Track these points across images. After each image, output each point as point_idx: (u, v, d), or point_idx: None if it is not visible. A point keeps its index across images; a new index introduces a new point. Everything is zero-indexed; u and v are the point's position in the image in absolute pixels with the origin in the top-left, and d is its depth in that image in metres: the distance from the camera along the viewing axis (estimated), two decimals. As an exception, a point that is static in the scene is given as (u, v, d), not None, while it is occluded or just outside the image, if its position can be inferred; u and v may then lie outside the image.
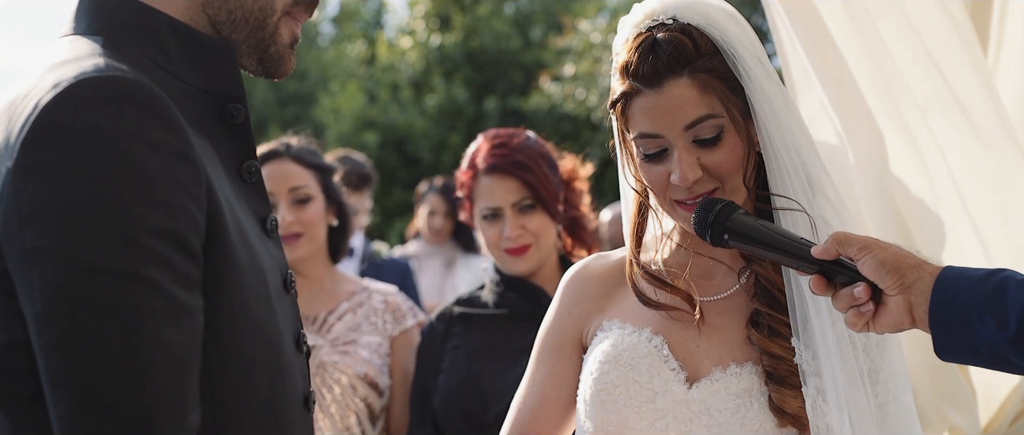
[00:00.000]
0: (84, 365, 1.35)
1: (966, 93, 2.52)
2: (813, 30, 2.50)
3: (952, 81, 2.51)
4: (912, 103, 2.49)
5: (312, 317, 3.24)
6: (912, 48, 2.50)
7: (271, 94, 20.98)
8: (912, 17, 2.50)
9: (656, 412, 1.97)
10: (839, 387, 1.92)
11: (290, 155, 3.28)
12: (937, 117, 2.52)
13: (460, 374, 3.04)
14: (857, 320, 1.73)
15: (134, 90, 1.42)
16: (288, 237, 3.21)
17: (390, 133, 18.06)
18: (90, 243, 1.36)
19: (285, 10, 1.65)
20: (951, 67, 2.51)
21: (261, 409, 1.54)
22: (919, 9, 2.52)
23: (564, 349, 2.13)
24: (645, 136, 1.96)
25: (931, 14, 2.52)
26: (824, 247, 1.75)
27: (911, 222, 2.53)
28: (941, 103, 2.52)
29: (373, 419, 3.20)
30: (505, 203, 3.03)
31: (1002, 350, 1.63)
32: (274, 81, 1.73)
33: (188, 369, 1.41)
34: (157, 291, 1.37)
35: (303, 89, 21.20)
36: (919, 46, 2.50)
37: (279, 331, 1.59)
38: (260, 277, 1.56)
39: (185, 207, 1.41)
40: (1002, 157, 2.54)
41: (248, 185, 1.64)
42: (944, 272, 1.68)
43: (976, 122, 2.53)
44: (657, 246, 2.13)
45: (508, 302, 3.10)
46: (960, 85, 2.52)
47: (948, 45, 2.52)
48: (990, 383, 2.73)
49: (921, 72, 2.50)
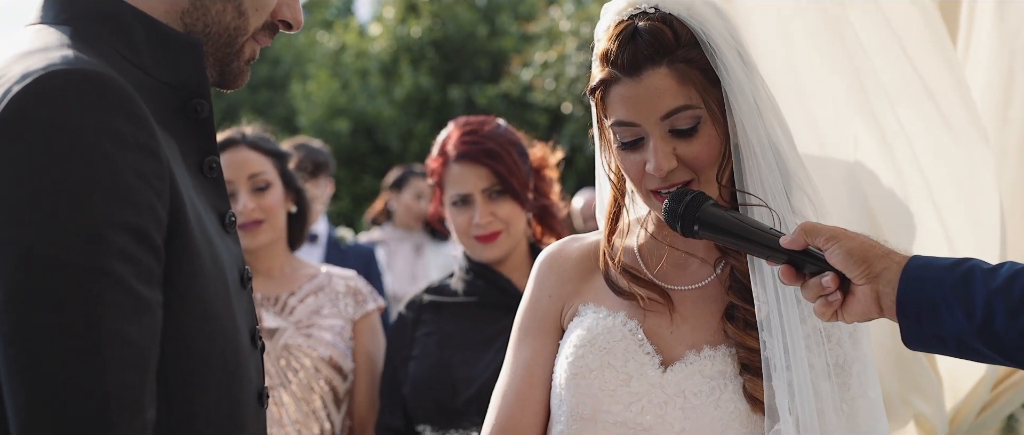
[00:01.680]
0: (42, 358, 1.34)
1: (936, 83, 2.53)
2: (782, 17, 2.50)
3: (922, 71, 2.51)
4: (882, 92, 2.50)
5: (272, 298, 3.23)
6: (883, 37, 2.50)
7: (244, 79, 20.89)
8: (883, 6, 2.51)
9: (631, 395, 1.98)
10: (808, 381, 1.92)
11: (246, 143, 3.27)
12: (906, 107, 2.53)
13: (430, 362, 3.04)
14: (825, 310, 1.74)
15: (101, 84, 1.42)
16: (249, 224, 3.20)
17: (360, 120, 18.02)
18: (53, 236, 1.35)
19: (254, 32, 1.69)
20: (921, 57, 2.52)
21: (217, 404, 1.55)
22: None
23: (547, 331, 2.13)
24: (622, 124, 1.97)
25: (902, 3, 2.52)
26: (792, 237, 1.76)
27: (878, 212, 2.53)
28: (910, 93, 2.53)
29: (338, 402, 3.19)
30: (475, 190, 3.03)
31: (969, 339, 1.63)
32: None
33: (147, 365, 1.41)
34: (119, 286, 1.38)
35: (276, 75, 21.10)
36: (890, 35, 2.51)
37: (236, 326, 1.59)
38: (219, 272, 1.56)
39: (149, 202, 1.42)
40: (970, 148, 2.55)
41: (208, 180, 1.64)
42: (911, 262, 1.68)
43: (945, 112, 2.54)
44: (634, 232, 2.13)
45: (477, 290, 3.10)
46: (930, 75, 2.52)
47: (919, 35, 2.52)
48: (956, 372, 2.74)
49: (891, 61, 2.51)
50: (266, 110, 19.77)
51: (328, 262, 5.08)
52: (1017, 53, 2.70)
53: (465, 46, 18.20)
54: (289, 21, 1.72)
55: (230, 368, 1.57)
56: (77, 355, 1.34)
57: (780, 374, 1.92)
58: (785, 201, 1.99)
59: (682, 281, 2.08)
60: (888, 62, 2.51)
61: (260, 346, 1.69)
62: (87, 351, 1.35)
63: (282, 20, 1.71)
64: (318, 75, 18.81)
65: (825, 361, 1.96)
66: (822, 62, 2.47)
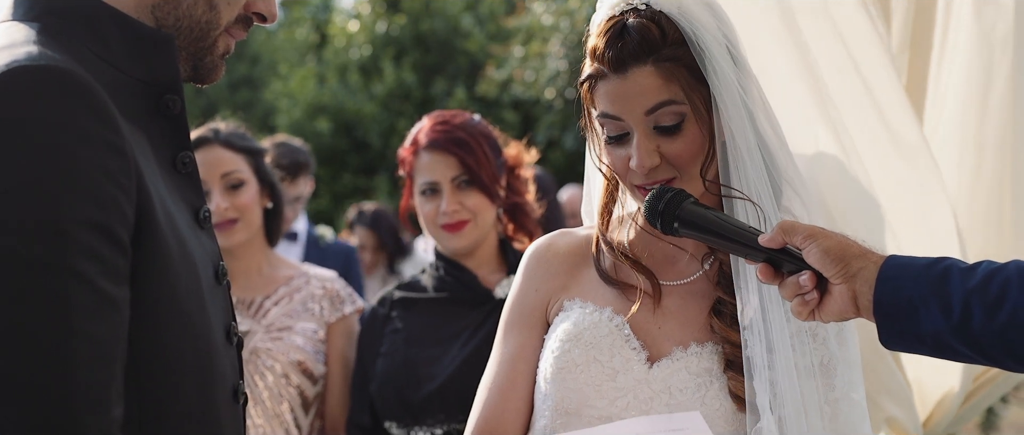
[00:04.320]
0: (7, 356, 1.34)
1: (883, 95, 2.54)
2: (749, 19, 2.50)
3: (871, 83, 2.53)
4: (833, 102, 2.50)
5: (247, 301, 3.21)
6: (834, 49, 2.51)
7: (223, 78, 20.79)
8: (837, 21, 2.51)
9: (617, 390, 1.98)
10: (792, 380, 1.93)
11: (220, 140, 3.24)
12: (854, 118, 2.52)
13: (397, 358, 3.04)
14: (802, 309, 1.74)
15: (66, 80, 1.41)
16: (224, 223, 3.17)
17: (340, 118, 17.97)
18: (17, 233, 1.35)
19: (227, 26, 1.67)
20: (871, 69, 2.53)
21: (189, 401, 1.55)
22: (843, 12, 2.53)
23: (532, 325, 2.13)
24: (607, 116, 1.98)
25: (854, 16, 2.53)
26: (771, 236, 1.75)
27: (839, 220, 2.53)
28: (857, 104, 2.53)
29: (306, 407, 3.17)
30: (443, 178, 3.04)
31: (946, 338, 1.63)
32: (223, 70, 1.75)
33: (113, 363, 1.41)
34: (85, 284, 1.37)
35: (255, 73, 21.03)
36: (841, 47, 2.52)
37: (209, 323, 1.59)
38: (191, 269, 1.55)
39: (115, 199, 1.41)
40: (915, 161, 2.56)
41: (182, 176, 1.63)
42: (888, 261, 1.68)
43: (892, 126, 2.55)
44: (625, 226, 2.14)
45: (447, 286, 3.10)
46: (878, 86, 2.53)
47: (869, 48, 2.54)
48: (924, 381, 2.75)
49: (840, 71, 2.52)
50: (245, 109, 19.70)
51: (307, 260, 5.06)
52: (995, 47, 2.70)
53: (449, 41, 18.18)
54: (263, 13, 1.71)
55: (202, 365, 1.57)
56: (42, 353, 1.34)
57: (761, 373, 1.92)
58: (773, 201, 1.99)
59: (670, 276, 2.08)
60: (836, 71, 2.52)
61: (236, 343, 1.69)
62: (52, 349, 1.35)
63: (256, 13, 1.70)
64: (297, 73, 18.75)
65: (809, 360, 1.97)
66: (787, 63, 2.47)
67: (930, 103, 2.80)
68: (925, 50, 2.77)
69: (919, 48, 2.77)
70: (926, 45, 2.77)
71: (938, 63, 2.79)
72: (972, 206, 2.79)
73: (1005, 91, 2.72)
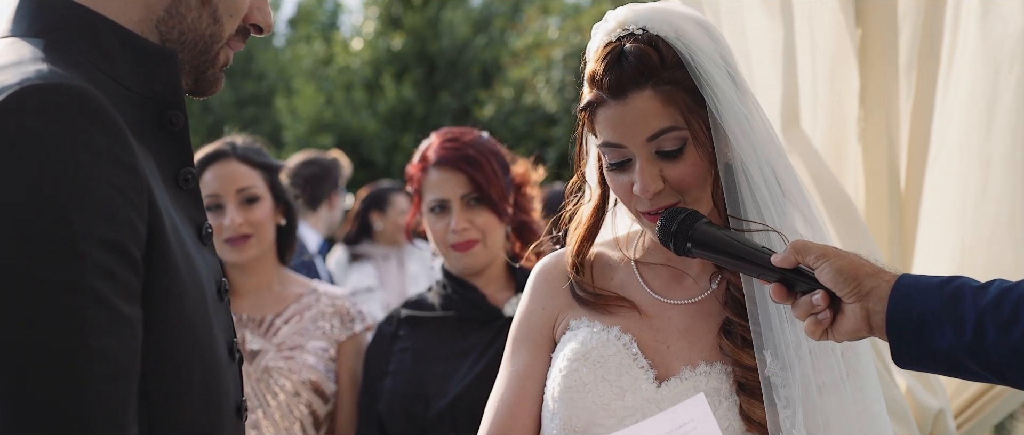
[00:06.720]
0: (22, 376, 1.33)
1: None
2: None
3: None
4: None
5: (257, 319, 3.20)
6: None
7: (229, 95, 20.85)
8: (816, 31, 2.53)
9: (625, 409, 1.98)
10: (810, 398, 1.92)
11: (236, 155, 3.23)
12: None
13: (405, 376, 3.03)
14: (815, 328, 1.74)
15: (78, 98, 1.40)
16: (237, 239, 3.17)
17: (345, 135, 17.99)
18: (31, 252, 1.34)
19: (228, 39, 1.67)
20: None
21: (196, 417, 1.54)
22: (823, 27, 2.54)
23: (539, 344, 2.13)
24: (609, 145, 1.98)
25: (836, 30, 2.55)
26: (783, 256, 1.76)
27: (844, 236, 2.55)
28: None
29: (317, 426, 3.16)
30: (453, 196, 3.03)
31: (959, 357, 1.63)
32: (230, 84, 1.74)
33: (128, 381, 1.40)
34: (98, 302, 1.37)
35: (261, 90, 21.05)
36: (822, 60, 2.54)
37: (215, 340, 1.59)
38: (197, 285, 1.55)
39: (127, 217, 1.41)
40: None
41: (184, 192, 1.63)
42: (900, 280, 1.68)
43: None
44: (632, 243, 2.14)
45: (453, 304, 3.09)
46: None
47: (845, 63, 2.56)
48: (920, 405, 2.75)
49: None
50: (252, 125, 19.73)
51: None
52: (1001, 63, 2.71)
53: (457, 58, 18.19)
54: (260, 24, 1.70)
55: (209, 381, 1.56)
56: (57, 372, 1.34)
57: (780, 393, 1.91)
58: (779, 220, 1.98)
59: (679, 295, 2.08)
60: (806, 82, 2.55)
61: (238, 359, 1.69)
62: (67, 368, 1.34)
63: (253, 24, 1.70)
64: (304, 90, 18.78)
65: (827, 377, 1.96)
66: (771, 61, 2.48)
67: (937, 119, 2.81)
68: (932, 66, 2.78)
69: (926, 64, 2.78)
70: (933, 61, 2.78)
71: (945, 79, 2.80)
72: (979, 221, 2.79)
73: (1012, 107, 2.73)
